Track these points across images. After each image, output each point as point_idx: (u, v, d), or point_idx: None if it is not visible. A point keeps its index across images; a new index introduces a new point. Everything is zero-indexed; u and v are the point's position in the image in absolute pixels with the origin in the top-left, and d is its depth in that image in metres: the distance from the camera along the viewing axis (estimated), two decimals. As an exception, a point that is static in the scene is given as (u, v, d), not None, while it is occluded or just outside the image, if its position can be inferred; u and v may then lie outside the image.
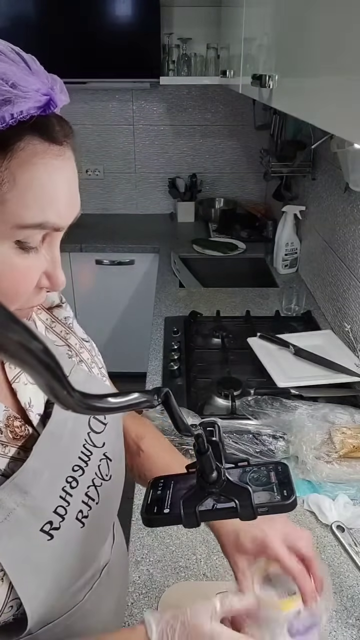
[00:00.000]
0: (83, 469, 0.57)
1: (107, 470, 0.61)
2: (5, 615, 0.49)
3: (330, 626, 0.78)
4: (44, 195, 0.44)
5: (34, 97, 0.42)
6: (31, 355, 0.28)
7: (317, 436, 1.07)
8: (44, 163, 0.43)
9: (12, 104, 0.40)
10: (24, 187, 0.43)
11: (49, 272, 0.49)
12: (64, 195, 0.46)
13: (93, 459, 0.59)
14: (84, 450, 0.58)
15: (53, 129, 0.44)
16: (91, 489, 0.58)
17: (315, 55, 0.77)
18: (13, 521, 0.49)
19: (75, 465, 0.57)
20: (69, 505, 0.54)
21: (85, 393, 0.34)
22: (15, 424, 0.53)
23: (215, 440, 0.55)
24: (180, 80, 2.45)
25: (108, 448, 0.62)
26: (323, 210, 1.80)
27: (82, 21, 2.27)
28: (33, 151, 0.43)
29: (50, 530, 0.52)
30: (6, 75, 0.41)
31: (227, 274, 2.32)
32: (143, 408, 0.41)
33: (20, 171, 0.42)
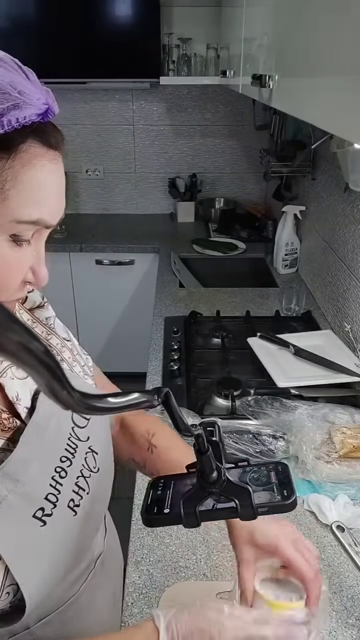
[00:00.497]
0: (70, 460, 0.60)
1: (94, 463, 0.64)
2: (2, 603, 0.51)
3: (330, 626, 0.78)
4: (41, 195, 0.48)
5: (36, 104, 0.46)
6: (31, 356, 0.28)
7: (317, 436, 1.07)
8: (42, 165, 0.48)
9: (19, 109, 0.44)
10: (24, 185, 0.47)
11: (34, 267, 0.52)
12: (56, 196, 0.51)
13: (79, 451, 0.62)
14: (70, 442, 0.61)
15: (50, 135, 0.49)
16: (80, 480, 0.61)
17: (315, 55, 0.77)
18: (5, 508, 0.51)
19: (62, 456, 0.60)
20: (59, 494, 0.57)
21: (85, 393, 0.34)
22: (2, 417, 0.55)
23: (215, 440, 0.55)
24: (180, 80, 2.46)
25: (93, 442, 0.64)
26: (323, 210, 1.80)
27: (82, 21, 2.27)
28: (34, 153, 0.47)
29: (42, 516, 0.54)
30: (14, 82, 0.45)
31: (227, 274, 2.32)
32: (143, 408, 0.41)
33: (22, 171, 0.46)
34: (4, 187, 0.45)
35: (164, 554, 0.90)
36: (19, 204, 0.47)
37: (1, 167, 0.45)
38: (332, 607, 0.81)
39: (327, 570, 0.88)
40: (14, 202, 0.46)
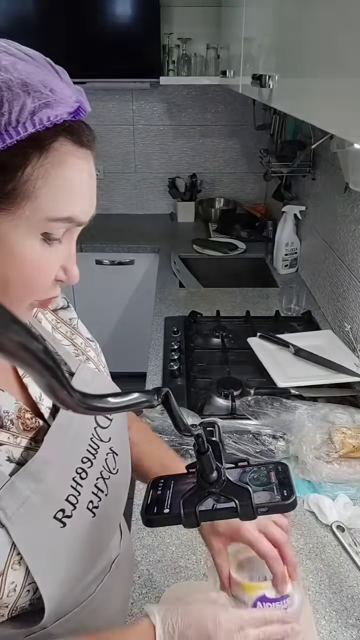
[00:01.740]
0: (91, 461, 0.60)
1: (114, 464, 0.64)
2: (22, 600, 0.51)
3: (330, 626, 0.78)
4: (72, 192, 0.48)
5: (68, 103, 0.46)
6: (31, 355, 0.28)
7: (317, 436, 1.07)
8: (73, 163, 0.48)
9: (51, 107, 0.45)
10: (56, 183, 0.47)
11: (65, 266, 0.52)
12: (88, 193, 0.51)
13: (100, 452, 0.62)
14: (92, 443, 0.61)
15: (82, 134, 0.49)
16: (100, 481, 0.61)
17: (315, 55, 0.77)
18: (28, 508, 0.51)
19: (83, 457, 0.60)
20: (79, 495, 0.57)
21: (85, 393, 0.34)
22: (26, 416, 0.56)
23: (215, 440, 0.55)
24: (180, 80, 2.45)
25: (114, 443, 0.65)
26: (323, 210, 1.80)
27: (82, 21, 2.27)
28: (65, 152, 0.47)
29: (62, 517, 0.54)
30: (46, 81, 0.45)
31: (227, 274, 2.32)
32: (143, 408, 0.41)
33: (54, 169, 0.46)
34: (35, 185, 0.45)
35: (164, 554, 0.90)
36: (50, 201, 0.47)
37: (33, 165, 0.45)
38: (332, 607, 0.81)
39: (327, 570, 0.88)
40: (45, 200, 0.46)
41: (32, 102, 0.44)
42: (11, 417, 0.54)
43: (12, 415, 0.54)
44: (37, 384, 0.31)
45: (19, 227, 0.46)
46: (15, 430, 0.54)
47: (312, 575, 0.87)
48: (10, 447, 0.53)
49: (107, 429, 0.64)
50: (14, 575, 0.50)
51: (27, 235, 0.47)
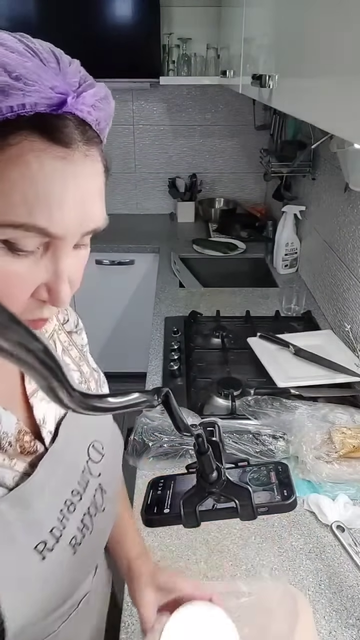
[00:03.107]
0: (81, 495, 0.57)
1: (102, 501, 0.60)
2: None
3: (330, 626, 0.78)
4: (34, 196, 0.40)
5: (42, 92, 0.39)
6: (31, 355, 0.28)
7: (317, 436, 1.07)
8: (40, 162, 0.40)
9: (6, 95, 0.38)
10: (12, 183, 0.40)
11: (49, 285, 0.45)
12: (65, 201, 0.42)
13: (89, 486, 0.59)
14: (82, 476, 0.58)
15: (61, 130, 0.41)
16: (86, 517, 0.57)
17: (315, 55, 0.77)
18: (9, 534, 0.48)
19: (74, 489, 0.56)
20: (64, 529, 0.54)
21: (86, 393, 0.34)
22: (25, 439, 0.53)
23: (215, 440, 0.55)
24: (180, 80, 2.45)
25: (103, 479, 0.61)
26: (323, 210, 1.80)
27: (81, 21, 2.27)
28: (29, 148, 0.40)
29: (43, 550, 0.51)
30: (10, 66, 0.38)
31: (227, 274, 2.32)
32: (143, 408, 0.41)
33: (11, 166, 0.39)
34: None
35: (164, 554, 0.90)
36: (5, 203, 0.40)
37: None
38: (332, 607, 0.81)
39: (327, 570, 0.88)
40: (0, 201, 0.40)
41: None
42: (10, 438, 0.51)
43: (10, 437, 0.51)
44: (37, 384, 0.31)
45: None
46: (12, 452, 0.51)
47: (312, 575, 0.87)
48: (3, 469, 0.50)
49: (99, 463, 0.60)
50: None
51: None
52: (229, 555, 0.90)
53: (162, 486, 0.62)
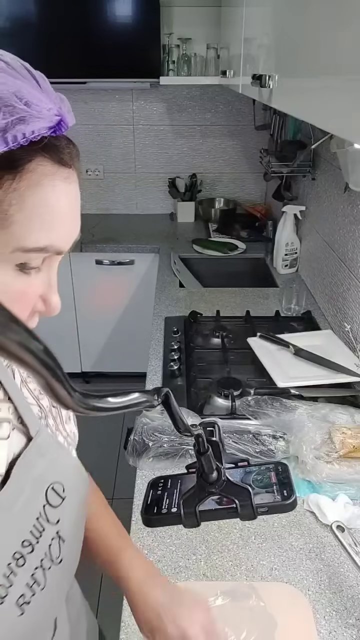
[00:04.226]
0: (33, 546, 0.50)
1: (58, 552, 0.53)
2: None
3: (330, 626, 0.78)
4: (50, 219, 0.43)
5: (46, 116, 0.41)
6: (31, 355, 0.28)
7: (317, 436, 1.07)
8: (53, 185, 0.42)
9: (25, 123, 0.39)
10: (32, 209, 0.41)
11: (44, 296, 0.47)
12: (68, 219, 0.45)
13: (45, 535, 0.51)
14: (37, 524, 0.51)
15: (63, 151, 0.43)
16: (38, 571, 0.50)
17: (315, 55, 0.77)
18: None
19: (25, 540, 0.49)
20: (10, 587, 0.46)
21: (85, 393, 0.34)
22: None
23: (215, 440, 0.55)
24: (180, 80, 2.46)
25: (62, 526, 0.54)
26: (323, 210, 1.80)
27: (82, 21, 2.27)
28: (42, 173, 0.41)
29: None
30: (20, 92, 0.40)
31: (227, 274, 2.32)
32: (143, 408, 0.41)
33: (29, 193, 0.41)
34: (8, 212, 0.40)
35: (164, 554, 0.90)
36: (25, 230, 0.41)
37: (5, 190, 0.40)
38: (332, 607, 0.81)
39: (327, 570, 0.88)
40: (20, 229, 0.41)
41: (4, 118, 0.38)
42: None
43: None
44: (37, 384, 0.31)
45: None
46: None
47: (312, 575, 0.87)
48: None
49: (58, 508, 0.53)
50: None
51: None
52: (229, 555, 0.90)
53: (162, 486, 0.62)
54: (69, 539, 0.55)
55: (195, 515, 0.55)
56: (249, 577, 0.86)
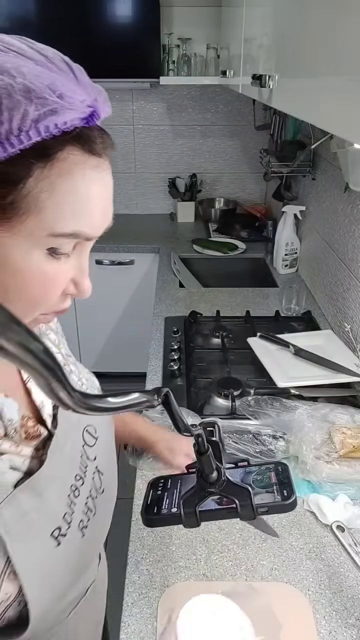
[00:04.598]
0: (83, 479, 0.59)
1: (100, 483, 0.62)
2: (12, 611, 0.51)
3: (330, 626, 0.78)
4: (80, 206, 0.45)
5: (79, 108, 0.42)
6: (31, 355, 0.28)
7: (317, 436, 1.07)
8: (82, 174, 0.44)
9: (57, 114, 0.41)
10: (62, 196, 0.43)
11: (76, 280, 0.50)
12: (98, 206, 0.47)
13: (88, 471, 0.60)
14: (81, 461, 0.60)
15: (94, 141, 0.45)
16: (89, 500, 0.59)
17: (315, 55, 0.77)
18: (27, 523, 0.50)
19: (76, 474, 0.58)
20: (73, 514, 0.55)
21: (85, 393, 0.34)
22: (29, 424, 0.55)
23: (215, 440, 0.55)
24: (180, 80, 2.45)
25: (99, 461, 0.63)
26: (323, 210, 1.80)
27: (82, 21, 2.27)
28: (73, 162, 0.44)
29: (58, 536, 0.53)
30: (55, 85, 0.41)
31: (227, 274, 2.32)
32: (143, 408, 0.41)
33: (60, 181, 0.43)
34: (39, 198, 0.42)
35: (164, 554, 0.90)
36: (55, 216, 0.44)
37: (36, 177, 0.42)
38: (332, 607, 0.81)
39: (327, 570, 0.88)
40: (50, 215, 0.43)
41: (36, 110, 0.40)
42: (15, 425, 0.53)
43: (15, 424, 0.53)
44: (37, 384, 0.31)
45: (20, 242, 0.44)
46: (18, 439, 0.53)
47: (312, 575, 0.87)
48: (12, 456, 0.51)
49: (93, 447, 0.62)
50: (9, 586, 0.49)
51: (30, 250, 0.45)
52: (229, 555, 0.90)
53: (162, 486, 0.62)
54: (106, 472, 0.64)
55: (195, 515, 0.55)
56: (249, 577, 0.86)
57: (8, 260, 0.44)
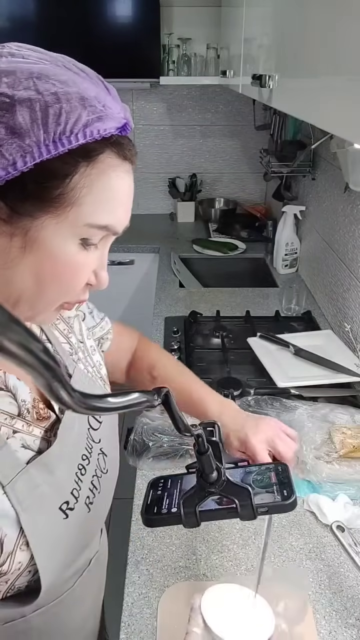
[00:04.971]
0: (89, 459, 0.64)
1: (104, 464, 0.68)
2: (22, 579, 0.56)
3: (330, 626, 0.78)
4: (112, 203, 0.52)
5: (116, 118, 0.50)
6: (31, 355, 0.28)
7: (317, 436, 1.07)
8: (116, 175, 0.52)
9: (102, 121, 0.48)
10: (99, 193, 0.50)
11: (97, 271, 0.56)
12: (125, 205, 0.55)
13: (93, 452, 0.66)
14: (87, 443, 0.65)
15: (126, 148, 0.52)
16: (95, 479, 0.65)
17: (315, 55, 0.77)
18: (38, 496, 0.55)
19: (83, 454, 0.64)
20: (80, 490, 0.61)
21: (85, 393, 0.34)
22: (40, 406, 0.60)
23: (215, 440, 0.55)
24: (180, 80, 2.45)
25: (103, 444, 0.69)
26: (323, 210, 1.80)
27: (82, 21, 2.27)
28: (109, 164, 0.50)
29: (66, 509, 0.59)
30: (99, 96, 0.49)
31: (227, 274, 2.32)
32: (143, 408, 0.41)
33: (98, 179, 0.50)
34: (81, 192, 0.49)
35: (164, 554, 0.90)
36: (92, 209, 0.50)
37: (80, 174, 0.48)
38: (332, 607, 0.81)
39: (327, 570, 0.88)
40: (88, 207, 0.50)
41: (87, 115, 0.47)
42: (27, 406, 0.58)
43: (28, 405, 0.58)
44: (37, 384, 0.31)
45: (61, 230, 0.49)
46: (30, 420, 0.58)
47: (312, 575, 0.87)
48: (24, 435, 0.56)
49: (98, 430, 0.68)
50: (21, 555, 0.53)
51: (67, 238, 0.50)
52: (229, 555, 0.90)
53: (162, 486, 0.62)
54: (110, 454, 0.70)
55: (195, 515, 0.55)
56: (249, 577, 0.86)
57: (48, 245, 0.50)
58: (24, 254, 0.49)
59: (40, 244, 0.49)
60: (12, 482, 0.52)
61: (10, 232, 0.48)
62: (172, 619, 0.78)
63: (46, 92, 0.45)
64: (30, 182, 0.46)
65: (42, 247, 0.49)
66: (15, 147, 0.45)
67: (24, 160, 0.45)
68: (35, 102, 0.45)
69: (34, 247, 0.49)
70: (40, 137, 0.45)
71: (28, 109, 0.45)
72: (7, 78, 0.45)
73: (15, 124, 0.44)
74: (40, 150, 0.45)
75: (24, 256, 0.50)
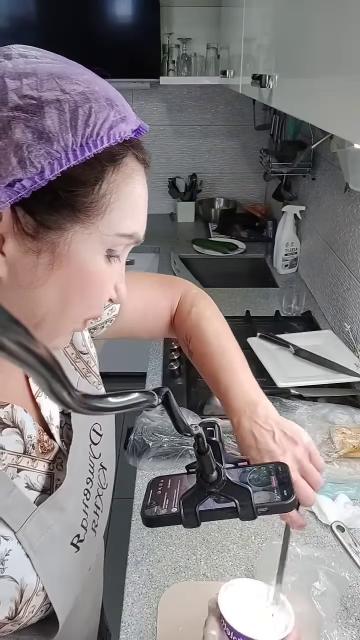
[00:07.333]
0: (91, 480, 0.61)
1: (104, 479, 0.65)
2: (35, 618, 0.53)
3: (330, 626, 0.78)
4: (136, 209, 0.49)
5: (133, 121, 0.47)
6: (31, 355, 0.28)
7: (317, 436, 1.07)
8: (138, 180, 0.48)
9: (125, 122, 0.45)
10: (124, 199, 0.47)
11: (117, 284, 0.52)
12: (145, 211, 0.51)
13: (95, 469, 0.62)
14: (90, 462, 0.62)
15: (145, 153, 0.50)
16: (97, 499, 0.62)
17: (315, 55, 0.77)
18: (50, 537, 0.52)
19: (87, 478, 0.60)
20: (87, 517, 0.58)
21: (86, 393, 0.34)
22: (44, 439, 0.56)
23: (215, 440, 0.55)
24: (180, 80, 2.46)
25: (103, 458, 0.65)
26: (323, 210, 1.80)
27: (81, 21, 2.27)
28: (132, 168, 0.47)
29: (77, 542, 0.56)
30: (118, 97, 0.47)
31: (227, 274, 2.32)
32: (143, 408, 0.41)
33: (124, 184, 0.46)
34: (110, 200, 0.45)
35: (164, 554, 0.90)
36: (121, 217, 0.47)
37: (107, 180, 0.45)
38: (332, 607, 0.81)
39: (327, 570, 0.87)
40: (117, 215, 0.46)
41: (114, 115, 0.44)
42: (33, 441, 0.54)
43: (34, 440, 0.54)
44: (37, 385, 0.31)
45: (90, 242, 0.46)
46: (35, 455, 0.54)
47: (312, 575, 0.86)
48: (28, 472, 0.53)
49: (98, 445, 0.64)
50: (36, 599, 0.51)
51: (96, 250, 0.47)
52: (229, 555, 0.90)
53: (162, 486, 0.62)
54: (108, 466, 0.66)
55: (195, 515, 0.55)
56: (249, 577, 0.86)
57: (77, 260, 0.46)
58: (52, 272, 0.45)
59: (70, 259, 0.46)
60: (23, 527, 0.49)
61: (37, 249, 0.44)
62: (172, 618, 0.78)
63: (73, 92, 0.42)
64: (60, 191, 0.43)
65: (71, 262, 0.46)
66: (44, 154, 0.41)
67: (52, 168, 0.41)
68: (64, 103, 0.42)
69: (63, 263, 0.45)
70: (69, 141, 0.42)
71: (57, 110, 0.41)
72: (28, 79, 0.42)
73: (44, 128, 0.41)
74: (67, 156, 0.42)
75: (52, 274, 0.45)
